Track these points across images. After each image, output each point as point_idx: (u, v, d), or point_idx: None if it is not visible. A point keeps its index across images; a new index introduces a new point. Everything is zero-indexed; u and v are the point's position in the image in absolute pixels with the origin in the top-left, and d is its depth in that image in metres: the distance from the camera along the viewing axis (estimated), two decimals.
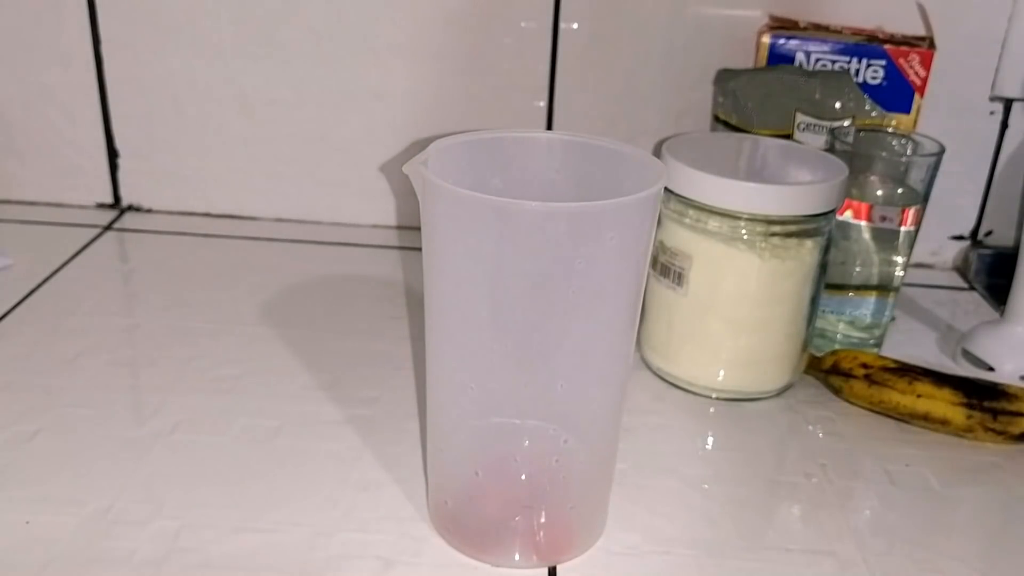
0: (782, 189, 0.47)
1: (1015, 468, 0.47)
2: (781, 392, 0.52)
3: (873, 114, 0.58)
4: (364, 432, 0.47)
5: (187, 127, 0.69)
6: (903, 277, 0.55)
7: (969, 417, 0.47)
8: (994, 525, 0.43)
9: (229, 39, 0.66)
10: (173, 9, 0.65)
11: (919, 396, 0.48)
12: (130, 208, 0.72)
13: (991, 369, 0.54)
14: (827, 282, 0.52)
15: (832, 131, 0.56)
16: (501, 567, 0.39)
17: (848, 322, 0.56)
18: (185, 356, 0.53)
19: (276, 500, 0.42)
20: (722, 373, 0.51)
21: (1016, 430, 0.47)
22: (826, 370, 0.51)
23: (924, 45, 0.59)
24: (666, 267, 0.51)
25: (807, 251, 0.49)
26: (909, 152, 0.55)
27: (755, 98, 0.59)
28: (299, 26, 0.66)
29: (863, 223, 0.54)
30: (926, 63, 0.58)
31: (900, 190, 0.54)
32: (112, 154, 0.70)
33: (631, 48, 0.65)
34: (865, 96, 0.58)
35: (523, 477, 0.38)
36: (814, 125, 0.57)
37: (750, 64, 0.63)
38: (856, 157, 0.53)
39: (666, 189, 0.48)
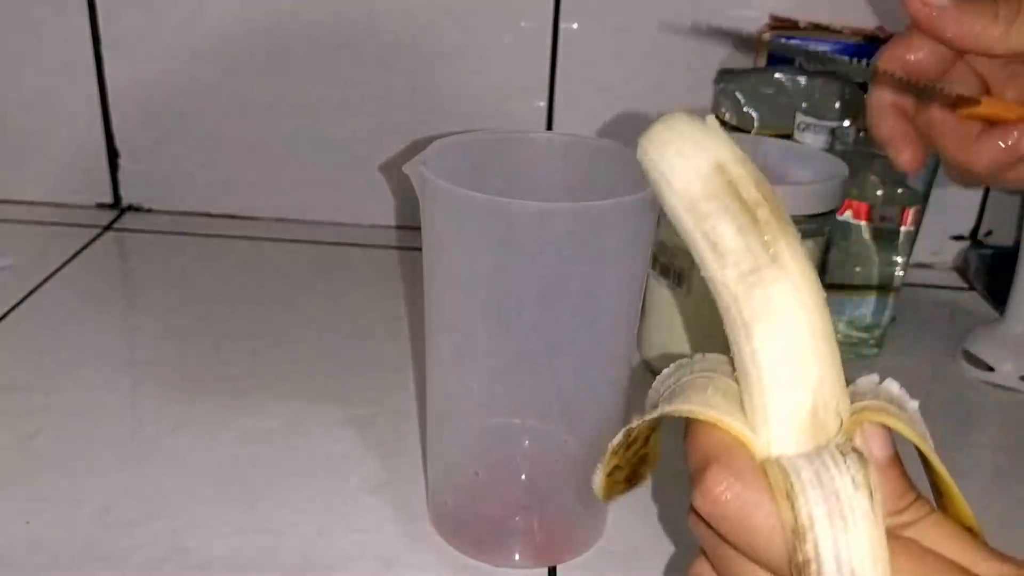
0: (782, 189, 0.47)
1: (1015, 469, 0.47)
2: None
3: None
4: (364, 432, 0.47)
5: (187, 127, 0.69)
6: (903, 277, 0.55)
7: None
8: (993, 524, 0.43)
9: (229, 39, 0.66)
10: (173, 9, 0.65)
11: None
12: (130, 208, 0.72)
13: (991, 369, 0.54)
14: (827, 282, 0.52)
15: (832, 131, 0.56)
16: (501, 567, 0.38)
17: (848, 322, 0.56)
18: (185, 357, 0.53)
19: (276, 500, 0.42)
20: None
21: None
22: None
23: None
24: (666, 267, 0.51)
25: (807, 251, 0.49)
26: None
27: (755, 98, 0.59)
28: (299, 26, 0.66)
29: (863, 223, 0.53)
30: None
31: (900, 190, 0.53)
32: (112, 154, 0.70)
33: (631, 48, 0.65)
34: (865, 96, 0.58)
35: (523, 477, 0.38)
36: (814, 125, 0.57)
37: (750, 64, 0.63)
38: (856, 157, 0.52)
39: None
